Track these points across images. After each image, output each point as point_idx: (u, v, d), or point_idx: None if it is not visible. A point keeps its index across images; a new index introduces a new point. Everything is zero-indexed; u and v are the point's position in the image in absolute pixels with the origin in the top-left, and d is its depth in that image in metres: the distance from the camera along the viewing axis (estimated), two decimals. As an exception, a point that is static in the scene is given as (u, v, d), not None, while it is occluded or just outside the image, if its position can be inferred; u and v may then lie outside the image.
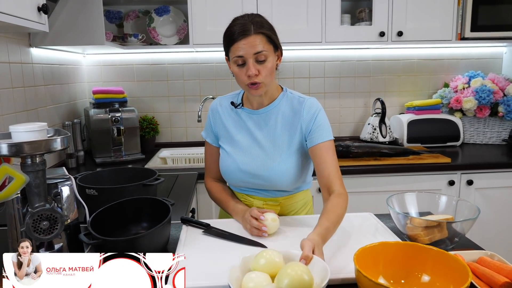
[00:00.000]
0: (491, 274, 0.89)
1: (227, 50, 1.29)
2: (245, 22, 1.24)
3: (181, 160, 2.59)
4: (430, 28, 2.41)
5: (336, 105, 2.82)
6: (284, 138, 1.34)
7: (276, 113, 1.36)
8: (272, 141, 1.35)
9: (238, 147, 1.38)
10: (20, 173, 0.89)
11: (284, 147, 1.34)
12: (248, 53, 1.22)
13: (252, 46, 1.21)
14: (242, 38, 1.22)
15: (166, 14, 2.50)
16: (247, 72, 1.23)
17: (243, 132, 1.38)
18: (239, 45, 1.22)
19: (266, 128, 1.36)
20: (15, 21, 1.30)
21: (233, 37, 1.23)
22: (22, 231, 0.97)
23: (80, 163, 2.29)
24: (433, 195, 1.25)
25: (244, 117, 1.39)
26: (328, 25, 2.35)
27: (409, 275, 0.91)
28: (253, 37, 1.22)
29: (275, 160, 1.33)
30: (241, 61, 1.24)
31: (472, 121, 2.64)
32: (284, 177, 1.33)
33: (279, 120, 1.35)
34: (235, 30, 1.24)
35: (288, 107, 1.36)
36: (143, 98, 2.73)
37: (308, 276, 0.83)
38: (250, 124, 1.38)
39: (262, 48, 1.22)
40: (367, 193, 2.19)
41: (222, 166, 1.42)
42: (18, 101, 1.80)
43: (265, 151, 1.34)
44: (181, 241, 1.16)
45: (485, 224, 2.24)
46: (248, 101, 1.40)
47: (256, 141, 1.36)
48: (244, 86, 1.29)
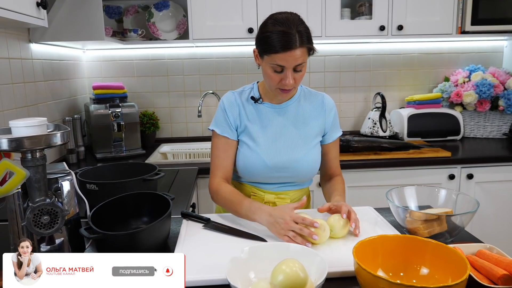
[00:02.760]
0: (489, 266, 0.90)
1: (263, 52, 1.24)
2: (289, 32, 1.17)
3: (182, 155, 2.60)
4: (431, 22, 2.40)
5: (336, 99, 2.81)
6: (305, 130, 1.39)
7: (296, 107, 1.40)
8: (295, 134, 1.38)
9: (262, 142, 1.36)
10: (21, 168, 0.89)
11: (307, 138, 1.39)
12: (290, 64, 1.21)
13: (295, 59, 1.20)
14: (286, 50, 1.18)
15: (165, 9, 2.50)
16: (285, 81, 1.23)
17: (266, 126, 1.37)
18: (281, 56, 1.19)
19: (288, 121, 1.38)
20: (14, 16, 1.30)
21: (275, 48, 1.18)
22: (23, 225, 0.97)
23: (81, 159, 2.29)
24: (433, 188, 1.25)
25: (266, 112, 1.38)
26: (328, 20, 2.35)
27: (408, 268, 0.91)
28: (298, 51, 1.19)
29: (300, 152, 1.36)
30: (279, 69, 1.22)
31: (472, 115, 2.64)
32: (309, 168, 1.39)
33: (299, 114, 1.39)
34: (278, 39, 1.18)
35: (307, 101, 1.41)
36: (143, 94, 2.73)
37: (303, 273, 0.83)
38: (272, 118, 1.38)
39: (303, 60, 1.22)
40: (367, 187, 2.19)
41: (245, 162, 1.37)
42: (18, 97, 1.80)
43: (289, 144, 1.37)
44: (181, 236, 1.16)
45: (485, 218, 2.25)
46: (266, 96, 1.39)
47: (280, 135, 1.37)
48: (273, 89, 1.29)
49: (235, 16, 2.32)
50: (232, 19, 2.31)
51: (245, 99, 1.39)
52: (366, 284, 0.80)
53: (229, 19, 2.30)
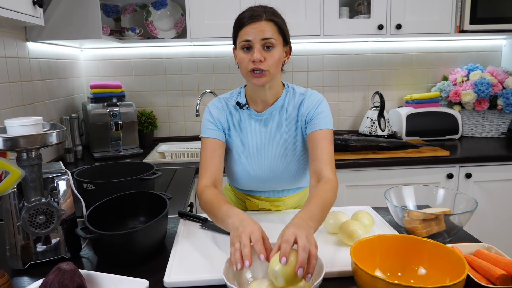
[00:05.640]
0: (488, 266, 0.89)
1: (235, 36, 1.25)
2: (257, 9, 1.21)
3: (180, 155, 2.59)
4: (429, 21, 2.39)
5: (334, 98, 2.82)
6: (290, 137, 1.32)
7: (281, 113, 1.32)
8: (280, 143, 1.32)
9: (247, 152, 1.33)
10: (16, 167, 0.88)
11: (290, 145, 1.32)
12: (256, 38, 1.18)
13: (261, 31, 1.18)
14: (251, 22, 1.18)
15: (163, 7, 2.49)
16: (252, 57, 1.18)
17: (249, 137, 1.33)
18: (247, 29, 1.19)
19: (272, 130, 1.32)
20: (9, 15, 1.29)
21: (242, 21, 1.21)
22: (18, 225, 0.97)
23: (78, 158, 2.29)
24: (431, 188, 1.25)
25: (250, 120, 1.33)
26: (327, 18, 2.34)
27: (406, 267, 0.91)
28: (263, 22, 1.18)
29: (283, 163, 1.32)
30: (248, 45, 1.20)
31: (471, 114, 2.64)
32: (292, 178, 1.34)
33: (284, 120, 1.32)
34: (245, 15, 1.21)
35: (292, 104, 1.32)
36: (141, 93, 2.72)
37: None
38: (256, 127, 1.33)
39: (271, 35, 1.18)
40: (365, 186, 2.19)
41: (232, 170, 1.37)
42: (15, 95, 1.79)
43: (271, 155, 1.32)
44: (178, 235, 1.16)
45: (483, 217, 2.25)
46: (252, 101, 1.33)
47: (263, 146, 1.33)
48: (246, 73, 1.22)
49: (233, 15, 2.26)
50: (230, 18, 2.26)
51: (232, 106, 1.35)
52: (363, 284, 0.79)
53: (227, 17, 2.29)
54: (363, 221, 1.12)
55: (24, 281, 0.95)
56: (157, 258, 1.04)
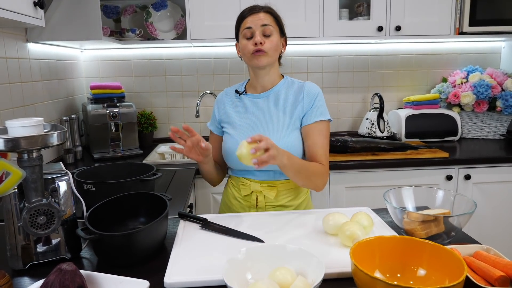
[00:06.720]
0: (487, 268, 0.89)
1: (237, 30, 1.44)
2: (256, 5, 1.43)
3: (179, 156, 2.59)
4: (429, 22, 2.40)
5: (334, 100, 2.82)
6: (285, 118, 1.43)
7: (278, 95, 1.46)
8: (274, 121, 1.43)
9: (241, 129, 1.45)
10: (17, 168, 0.89)
11: (285, 126, 1.42)
12: (256, 25, 1.37)
13: (260, 19, 1.38)
14: (251, 14, 1.39)
15: (163, 8, 2.49)
16: (254, 40, 1.36)
17: (246, 116, 1.47)
18: (248, 20, 1.39)
19: (268, 110, 1.45)
20: (10, 16, 1.29)
21: (243, 14, 1.41)
22: (19, 226, 0.97)
23: (78, 159, 2.29)
24: (430, 189, 1.25)
25: (247, 102, 1.48)
26: (326, 20, 2.35)
27: (405, 269, 0.91)
28: (262, 13, 1.39)
29: (275, 137, 1.36)
30: (249, 33, 1.38)
31: (470, 116, 2.65)
32: None
33: (280, 102, 1.45)
34: (246, 10, 1.42)
35: (290, 90, 1.46)
36: (141, 93, 2.73)
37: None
38: (252, 107, 1.47)
39: (269, 22, 1.38)
40: (365, 188, 2.19)
41: (225, 148, 1.48)
42: (15, 96, 1.79)
43: (266, 130, 1.41)
44: (178, 236, 1.16)
45: (483, 218, 2.25)
46: (251, 87, 1.51)
47: (258, 122, 1.44)
48: (249, 56, 1.39)
49: (233, 16, 2.28)
50: (230, 19, 2.29)
51: (232, 93, 1.53)
52: (363, 285, 0.80)
53: (227, 19, 2.29)
54: (363, 222, 1.13)
55: (25, 281, 0.95)
56: (157, 259, 1.05)
